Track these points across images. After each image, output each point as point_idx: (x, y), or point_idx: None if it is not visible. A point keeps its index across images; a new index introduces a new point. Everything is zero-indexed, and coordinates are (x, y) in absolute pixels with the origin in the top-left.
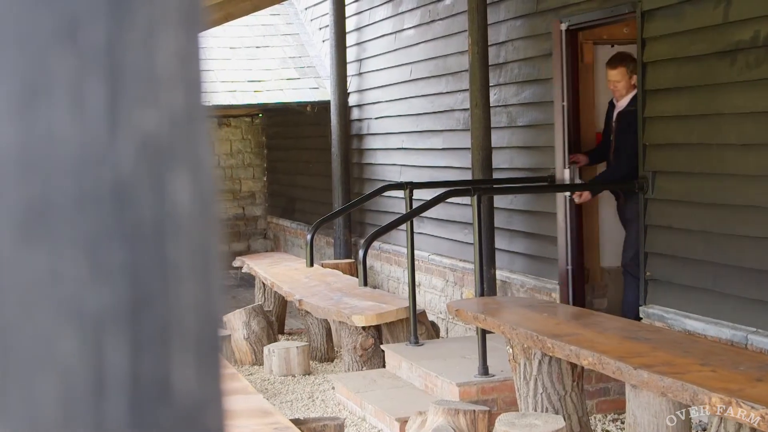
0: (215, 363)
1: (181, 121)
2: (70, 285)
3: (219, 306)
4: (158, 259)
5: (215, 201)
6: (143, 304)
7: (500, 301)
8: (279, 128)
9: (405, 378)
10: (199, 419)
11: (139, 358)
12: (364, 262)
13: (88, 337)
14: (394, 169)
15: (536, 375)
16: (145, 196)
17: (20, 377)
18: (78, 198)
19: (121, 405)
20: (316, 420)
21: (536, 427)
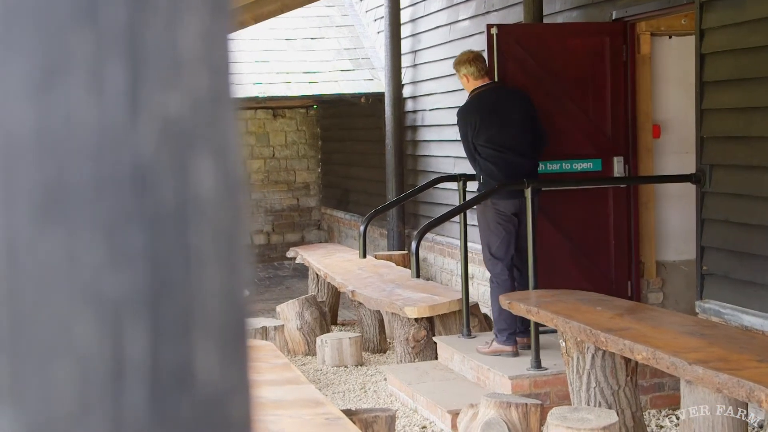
0: (240, 351)
1: (205, 104)
2: (88, 269)
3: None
4: (180, 245)
5: (241, 187)
6: (164, 290)
7: (554, 294)
8: (333, 119)
9: (457, 370)
10: (222, 408)
11: (159, 345)
12: (417, 254)
13: (106, 323)
14: (447, 161)
15: (589, 369)
16: (166, 181)
17: (37, 362)
18: (97, 181)
19: (140, 392)
20: (368, 411)
21: (588, 421)
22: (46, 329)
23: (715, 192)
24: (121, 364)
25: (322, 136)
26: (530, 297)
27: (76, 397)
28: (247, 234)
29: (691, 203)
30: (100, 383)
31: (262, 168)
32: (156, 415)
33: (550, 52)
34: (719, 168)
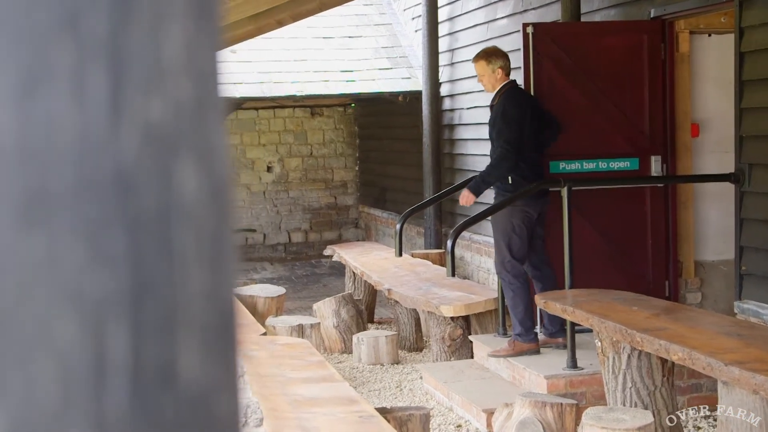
0: (225, 351)
1: (188, 110)
2: (69, 270)
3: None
4: (163, 247)
5: (227, 191)
6: (146, 290)
7: (590, 294)
8: (371, 118)
9: (493, 369)
10: (207, 407)
11: (141, 344)
12: (452, 253)
13: (88, 322)
14: (485, 159)
15: (625, 369)
16: (148, 185)
17: (18, 360)
18: (78, 186)
19: (122, 390)
20: (402, 409)
21: (624, 421)
22: (28, 328)
23: (755, 191)
24: (103, 363)
25: (359, 134)
26: (566, 296)
27: (57, 394)
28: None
29: (730, 203)
30: (81, 381)
31: (300, 166)
32: (139, 413)
33: (587, 51)
34: (759, 167)
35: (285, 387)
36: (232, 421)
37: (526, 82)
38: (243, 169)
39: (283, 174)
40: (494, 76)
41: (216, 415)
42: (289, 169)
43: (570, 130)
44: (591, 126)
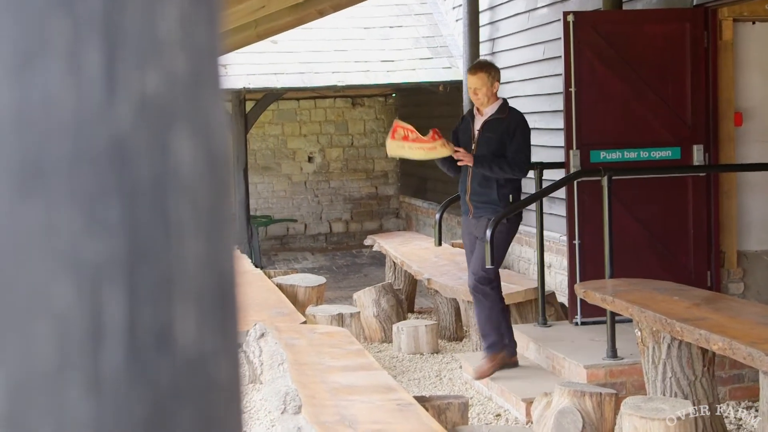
0: (224, 318)
1: (184, 84)
2: (65, 237)
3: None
4: (159, 216)
5: (224, 163)
6: (142, 257)
7: (629, 283)
8: (412, 108)
9: (532, 359)
10: (204, 371)
11: (137, 309)
12: (491, 242)
13: (84, 286)
14: None
15: (665, 359)
16: (144, 155)
17: (16, 323)
18: (74, 156)
19: (118, 352)
20: (441, 398)
21: (663, 411)
22: (25, 292)
23: None
24: (99, 326)
25: None
26: (606, 286)
27: (55, 356)
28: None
29: None
30: (78, 343)
31: (341, 156)
32: (134, 375)
33: (629, 40)
34: None
35: (324, 375)
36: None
37: (567, 72)
38: (284, 159)
39: (324, 164)
40: (492, 90)
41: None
42: (330, 159)
43: (611, 120)
44: (632, 115)
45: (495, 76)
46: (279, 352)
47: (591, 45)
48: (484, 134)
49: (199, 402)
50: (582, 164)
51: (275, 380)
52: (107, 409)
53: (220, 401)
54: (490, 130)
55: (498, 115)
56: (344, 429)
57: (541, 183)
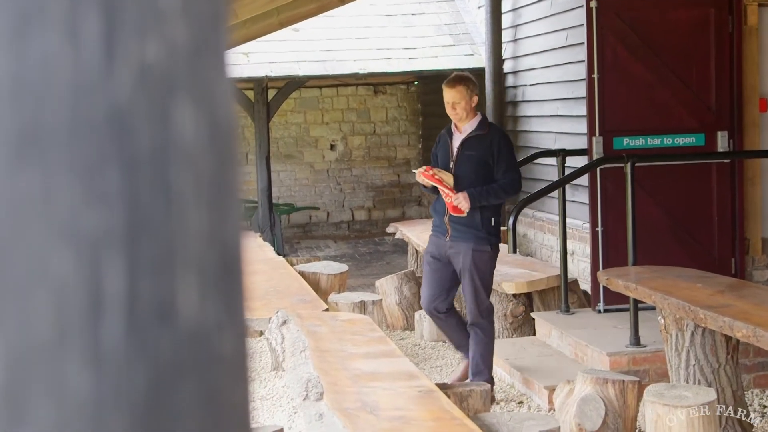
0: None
1: (185, 54)
2: (64, 207)
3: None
4: (160, 186)
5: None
6: (142, 228)
7: (653, 270)
8: (434, 95)
9: (555, 346)
10: (207, 343)
11: (137, 280)
12: (514, 229)
13: (83, 257)
14: (548, 136)
15: (688, 346)
16: (144, 125)
17: (15, 293)
18: (72, 124)
19: (118, 324)
20: (463, 385)
21: (686, 398)
22: (24, 262)
23: None
24: (99, 297)
25: (422, 111)
26: (629, 273)
27: (53, 326)
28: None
29: None
30: (77, 315)
31: (363, 144)
32: (135, 346)
33: (652, 25)
34: None
35: (346, 362)
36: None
37: (590, 58)
38: (306, 147)
39: (347, 152)
40: (470, 104)
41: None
42: (353, 147)
43: (634, 106)
44: (656, 101)
45: (474, 90)
46: (301, 339)
47: (614, 31)
48: (464, 152)
49: (203, 375)
50: (605, 151)
51: (297, 367)
52: (107, 381)
53: (224, 375)
54: (471, 148)
55: (479, 131)
56: (366, 415)
57: (563, 170)
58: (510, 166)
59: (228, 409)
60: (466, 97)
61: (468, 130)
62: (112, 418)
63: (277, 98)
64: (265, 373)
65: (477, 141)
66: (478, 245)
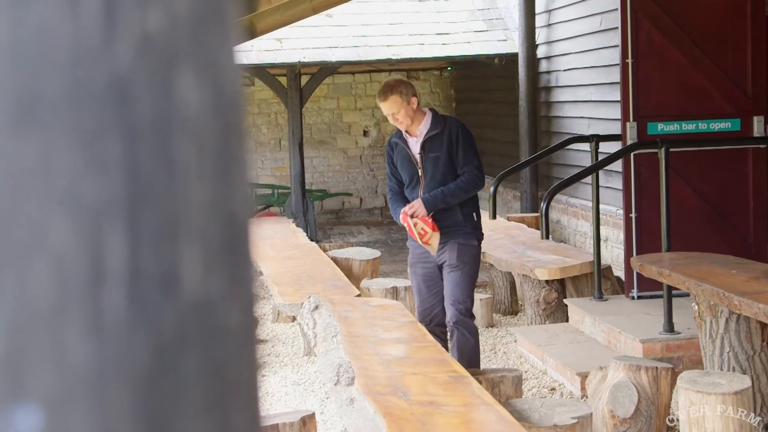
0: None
1: (187, 24)
2: (64, 176)
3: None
4: (161, 156)
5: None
6: (144, 198)
7: (687, 257)
8: (467, 81)
9: (588, 333)
10: (212, 315)
11: (139, 250)
12: (546, 215)
13: (83, 226)
14: (582, 122)
15: (723, 333)
16: (145, 94)
17: (15, 262)
18: (72, 92)
19: (119, 294)
20: (494, 371)
21: (720, 386)
22: (23, 231)
23: None
24: (100, 266)
25: (455, 97)
26: (662, 259)
27: (53, 296)
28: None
29: None
30: (77, 284)
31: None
32: (137, 317)
33: (687, 9)
34: None
35: (377, 347)
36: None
37: (624, 42)
38: (339, 133)
39: (380, 138)
40: (411, 108)
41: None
42: (386, 133)
43: (668, 91)
44: (690, 86)
45: (408, 92)
46: (333, 325)
47: (649, 15)
48: (427, 155)
49: (207, 348)
50: (639, 136)
51: (329, 352)
52: (109, 350)
53: (229, 347)
54: (432, 149)
55: (434, 130)
56: (396, 400)
57: (596, 156)
58: (468, 159)
59: (233, 381)
60: (403, 103)
61: (423, 132)
62: (114, 388)
63: (310, 84)
64: (297, 359)
65: (436, 140)
66: (464, 239)
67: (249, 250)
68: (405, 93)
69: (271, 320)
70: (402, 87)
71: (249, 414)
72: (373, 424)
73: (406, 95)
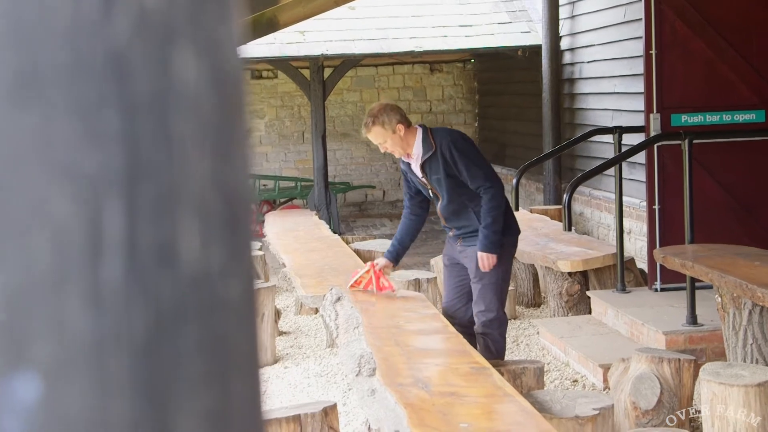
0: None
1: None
2: (62, 149)
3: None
4: (160, 130)
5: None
6: (142, 171)
7: (710, 249)
8: (490, 73)
9: (610, 325)
10: (211, 288)
11: (137, 223)
12: (569, 207)
13: (82, 198)
14: (606, 114)
15: (746, 325)
16: (143, 69)
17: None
18: (71, 67)
19: (117, 266)
20: (516, 362)
21: (742, 377)
22: (22, 202)
23: None
24: (98, 238)
25: (479, 90)
26: (686, 251)
27: (52, 267)
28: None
29: None
30: (76, 255)
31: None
32: (135, 288)
33: (711, 0)
34: None
35: (399, 338)
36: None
37: (647, 33)
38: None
39: None
40: (397, 136)
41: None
42: None
43: (692, 82)
44: (715, 77)
45: (392, 119)
46: (355, 316)
47: (673, 6)
48: (431, 179)
49: (206, 320)
50: (663, 128)
51: (350, 343)
52: (107, 321)
53: (228, 320)
54: (433, 171)
55: (426, 153)
56: (418, 391)
57: (620, 147)
58: (473, 176)
59: (233, 355)
60: (387, 133)
61: (417, 155)
62: (112, 359)
63: (333, 77)
64: (320, 350)
65: (433, 162)
66: None
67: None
68: (388, 122)
69: (294, 312)
70: (384, 116)
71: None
72: (394, 414)
73: (389, 124)
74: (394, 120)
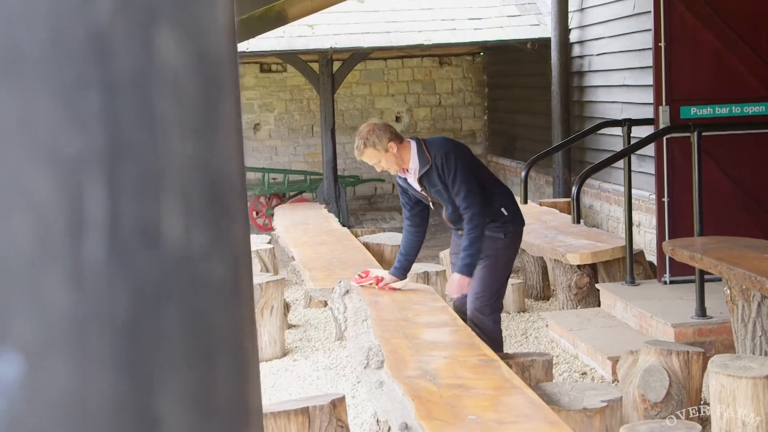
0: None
1: None
2: (43, 129)
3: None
4: (141, 111)
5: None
6: (124, 152)
7: (719, 241)
8: (499, 66)
9: (619, 318)
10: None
11: (119, 203)
12: (578, 199)
13: (63, 179)
14: (615, 106)
15: (755, 317)
16: (124, 50)
17: None
18: (51, 47)
19: (99, 246)
20: (525, 355)
21: (751, 369)
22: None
23: None
24: (80, 219)
25: (488, 83)
26: (695, 243)
27: (33, 247)
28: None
29: None
30: (57, 236)
31: (429, 116)
32: (117, 268)
33: None
34: None
35: (407, 331)
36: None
37: (656, 26)
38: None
39: (412, 124)
40: (392, 152)
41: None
42: (418, 119)
43: (702, 75)
44: (724, 69)
45: (382, 138)
46: (363, 309)
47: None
48: (431, 191)
49: (189, 301)
50: (672, 120)
51: (359, 336)
52: (89, 301)
53: (211, 301)
54: (431, 184)
55: (422, 167)
56: (425, 383)
57: (629, 140)
58: (457, 193)
59: (217, 335)
60: (380, 153)
61: (414, 169)
62: (94, 338)
63: (342, 70)
64: (329, 343)
65: (430, 175)
66: (490, 232)
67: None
68: (378, 143)
69: (303, 305)
70: (374, 137)
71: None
72: (401, 406)
73: (381, 143)
74: (384, 139)
